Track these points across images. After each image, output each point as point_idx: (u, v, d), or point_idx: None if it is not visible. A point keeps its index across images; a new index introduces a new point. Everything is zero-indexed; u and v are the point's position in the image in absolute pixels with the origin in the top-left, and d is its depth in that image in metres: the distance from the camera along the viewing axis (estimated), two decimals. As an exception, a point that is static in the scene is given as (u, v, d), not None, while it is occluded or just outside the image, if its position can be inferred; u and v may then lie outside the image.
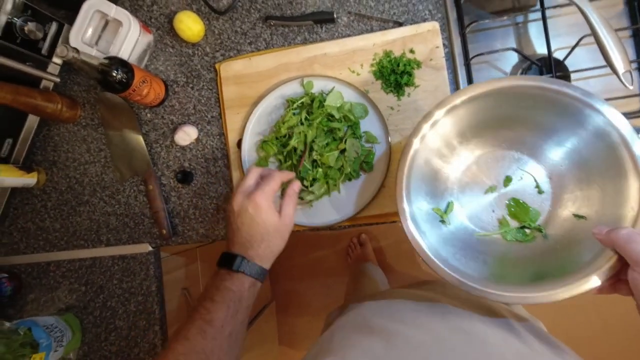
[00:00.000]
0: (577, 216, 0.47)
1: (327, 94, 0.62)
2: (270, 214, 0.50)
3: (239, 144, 0.67)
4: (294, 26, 0.68)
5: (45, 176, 0.75)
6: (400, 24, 0.64)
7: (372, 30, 0.65)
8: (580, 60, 0.60)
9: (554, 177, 0.51)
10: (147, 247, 0.72)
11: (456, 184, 0.55)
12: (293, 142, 0.61)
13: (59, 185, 0.75)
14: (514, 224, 0.52)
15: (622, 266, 0.38)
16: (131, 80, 0.61)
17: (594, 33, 0.51)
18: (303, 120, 0.62)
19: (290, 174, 0.57)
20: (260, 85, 0.67)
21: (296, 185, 0.56)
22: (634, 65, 0.59)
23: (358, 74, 0.64)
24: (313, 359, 0.44)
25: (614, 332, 1.45)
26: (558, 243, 0.48)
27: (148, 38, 0.70)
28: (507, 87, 0.44)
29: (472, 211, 0.54)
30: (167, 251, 0.81)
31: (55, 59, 0.70)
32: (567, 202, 0.49)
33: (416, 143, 0.47)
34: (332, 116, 0.60)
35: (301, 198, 0.63)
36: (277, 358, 1.52)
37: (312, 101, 0.62)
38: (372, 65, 0.64)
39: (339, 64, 0.64)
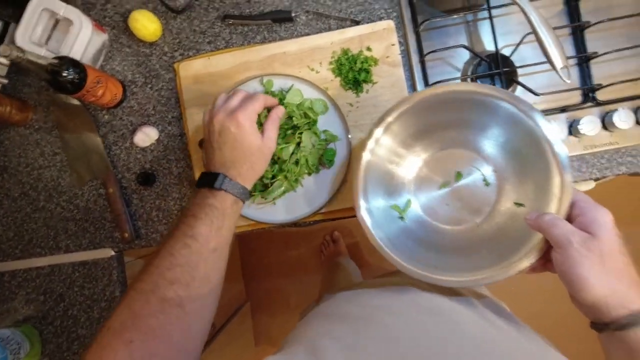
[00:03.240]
0: (517, 204, 0.51)
1: (286, 92, 0.63)
2: (253, 134, 0.49)
3: (200, 143, 0.67)
4: (253, 25, 0.68)
5: (-5, 183, 0.72)
6: (357, 23, 0.66)
7: (330, 29, 0.67)
8: (526, 56, 0.63)
9: (498, 170, 0.55)
10: (109, 252, 0.71)
11: (412, 182, 0.58)
12: None
13: (11, 192, 0.72)
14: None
15: (548, 247, 0.42)
16: (84, 81, 0.59)
17: (534, 31, 0.54)
18: (262, 118, 0.62)
19: (274, 100, 0.56)
20: (221, 84, 0.67)
21: (280, 111, 0.55)
22: (573, 62, 0.63)
23: (317, 72, 0.65)
24: (284, 348, 0.44)
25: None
26: (500, 230, 0.51)
27: (102, 37, 0.68)
28: (430, 95, 0.49)
29: (429, 205, 0.57)
30: (131, 255, 0.79)
31: (1, 59, 0.66)
32: (509, 192, 0.53)
33: (366, 155, 0.52)
34: (290, 117, 0.61)
35: (263, 198, 0.64)
36: (254, 359, 1.51)
37: (273, 99, 0.62)
38: (330, 63, 0.65)
39: (298, 62, 0.65)
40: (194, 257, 0.42)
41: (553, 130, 0.45)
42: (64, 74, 0.57)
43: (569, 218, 0.42)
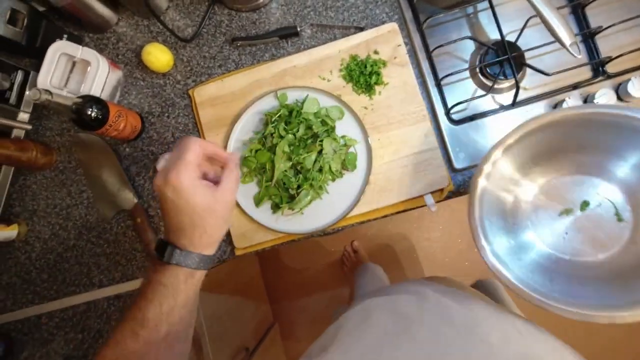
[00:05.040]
0: None
1: (302, 103, 0.64)
2: (196, 193, 0.41)
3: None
4: (261, 44, 0.70)
5: (26, 227, 0.73)
6: (361, 29, 0.68)
7: (335, 38, 0.68)
8: (530, 39, 0.64)
9: (636, 205, 0.50)
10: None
11: (529, 211, 0.55)
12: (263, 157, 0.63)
13: (42, 234, 0.73)
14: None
15: None
16: (107, 116, 0.61)
17: (538, 13, 0.55)
18: (281, 132, 0.64)
19: (213, 146, 0.46)
20: (236, 105, 0.68)
21: (235, 156, 0.48)
22: (579, 38, 0.64)
23: (329, 81, 0.66)
24: (318, 351, 0.43)
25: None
26: (632, 270, 0.48)
27: (117, 74, 0.71)
28: (559, 118, 0.46)
29: (549, 237, 0.55)
30: (163, 284, 0.79)
31: (25, 108, 0.69)
32: None
33: (482, 182, 0.49)
34: (310, 127, 0.62)
35: (291, 209, 0.64)
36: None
37: (291, 112, 0.64)
38: (340, 70, 0.66)
39: (309, 74, 0.67)
40: (143, 347, 0.39)
41: None
42: (89, 112, 0.58)
43: None
